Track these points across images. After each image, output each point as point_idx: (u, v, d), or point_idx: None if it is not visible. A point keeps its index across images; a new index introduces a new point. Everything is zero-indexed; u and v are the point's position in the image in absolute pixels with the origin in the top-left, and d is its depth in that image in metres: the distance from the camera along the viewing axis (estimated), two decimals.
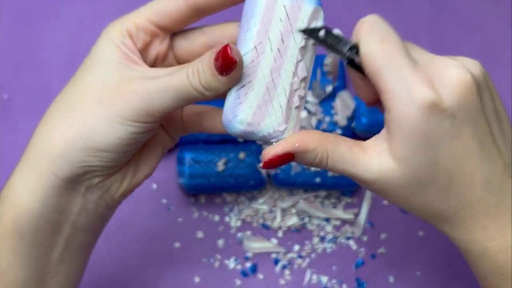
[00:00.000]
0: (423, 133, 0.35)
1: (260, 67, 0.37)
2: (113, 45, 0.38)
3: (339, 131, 0.59)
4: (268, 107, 0.38)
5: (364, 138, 0.60)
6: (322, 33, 0.38)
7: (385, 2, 0.66)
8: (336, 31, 0.37)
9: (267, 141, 0.39)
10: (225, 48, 0.35)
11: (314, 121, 0.58)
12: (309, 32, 0.38)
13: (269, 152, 0.37)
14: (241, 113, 0.37)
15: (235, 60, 0.35)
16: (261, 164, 0.38)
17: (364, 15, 0.37)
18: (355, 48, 0.37)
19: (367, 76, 0.37)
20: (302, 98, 0.39)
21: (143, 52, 0.40)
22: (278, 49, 0.37)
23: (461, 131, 0.36)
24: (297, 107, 0.38)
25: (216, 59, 0.35)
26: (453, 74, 0.35)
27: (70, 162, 0.37)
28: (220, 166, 0.56)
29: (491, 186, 0.37)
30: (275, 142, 0.38)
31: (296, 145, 0.37)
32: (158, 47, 0.40)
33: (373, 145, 0.38)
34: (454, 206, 0.37)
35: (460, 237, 0.38)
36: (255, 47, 0.37)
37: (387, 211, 0.59)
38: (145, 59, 0.40)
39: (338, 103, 0.59)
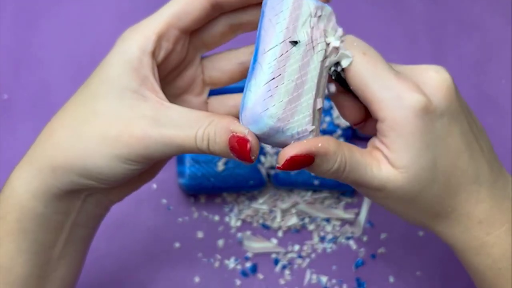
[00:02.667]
0: (421, 135, 0.36)
1: (289, 62, 0.36)
2: (130, 69, 0.37)
3: (339, 131, 0.59)
4: (297, 103, 0.36)
5: (364, 138, 0.61)
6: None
7: (385, 2, 0.66)
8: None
9: (287, 143, 0.36)
10: (244, 141, 0.35)
11: None
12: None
13: (289, 152, 0.35)
14: (272, 106, 0.35)
15: (252, 160, 0.35)
16: (279, 165, 0.35)
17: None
18: (339, 65, 0.37)
19: (353, 90, 0.38)
20: (322, 101, 0.37)
21: (164, 61, 0.39)
22: (306, 45, 0.36)
23: (450, 129, 0.37)
24: (319, 109, 0.37)
25: (231, 148, 0.35)
26: (435, 76, 0.37)
27: (69, 179, 0.38)
28: (220, 166, 0.56)
29: (480, 179, 0.38)
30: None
31: (319, 145, 0.35)
32: (179, 54, 0.40)
33: (377, 153, 0.38)
34: (451, 204, 0.38)
35: (458, 235, 0.39)
36: (285, 40, 0.36)
37: (387, 211, 0.59)
38: (165, 67, 0.39)
39: None
